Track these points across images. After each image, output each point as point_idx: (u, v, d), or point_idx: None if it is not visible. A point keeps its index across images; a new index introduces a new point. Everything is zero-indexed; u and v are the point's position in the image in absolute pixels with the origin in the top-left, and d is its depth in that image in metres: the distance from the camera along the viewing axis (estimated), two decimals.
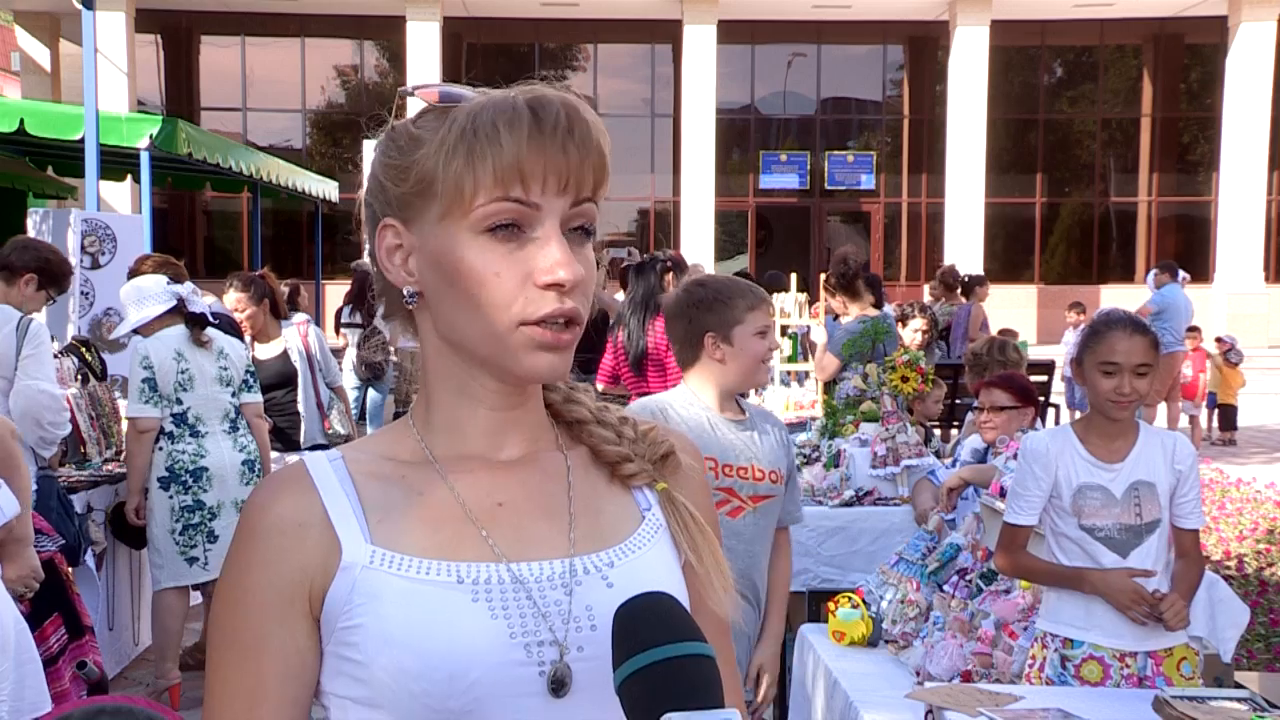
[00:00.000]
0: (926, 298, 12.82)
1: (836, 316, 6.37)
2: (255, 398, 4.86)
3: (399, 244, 1.03)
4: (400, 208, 1.02)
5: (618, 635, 0.88)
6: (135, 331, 4.71)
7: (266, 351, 5.66)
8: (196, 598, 5.01)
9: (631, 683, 0.85)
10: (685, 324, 2.90)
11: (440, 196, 0.98)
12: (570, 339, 1.00)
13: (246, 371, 4.82)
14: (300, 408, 5.72)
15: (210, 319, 4.78)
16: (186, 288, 4.77)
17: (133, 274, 5.67)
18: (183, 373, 4.57)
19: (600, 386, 6.13)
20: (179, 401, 4.57)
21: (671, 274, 7.44)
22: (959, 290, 10.97)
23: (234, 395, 4.74)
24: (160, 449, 4.55)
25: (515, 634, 0.96)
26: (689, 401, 2.87)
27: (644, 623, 0.87)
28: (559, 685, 0.96)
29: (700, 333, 2.85)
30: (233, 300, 5.54)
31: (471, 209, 0.97)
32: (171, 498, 4.56)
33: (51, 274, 4.43)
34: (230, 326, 5.59)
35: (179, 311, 4.65)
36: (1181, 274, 11.43)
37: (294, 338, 5.81)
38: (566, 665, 0.97)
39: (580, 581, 1.00)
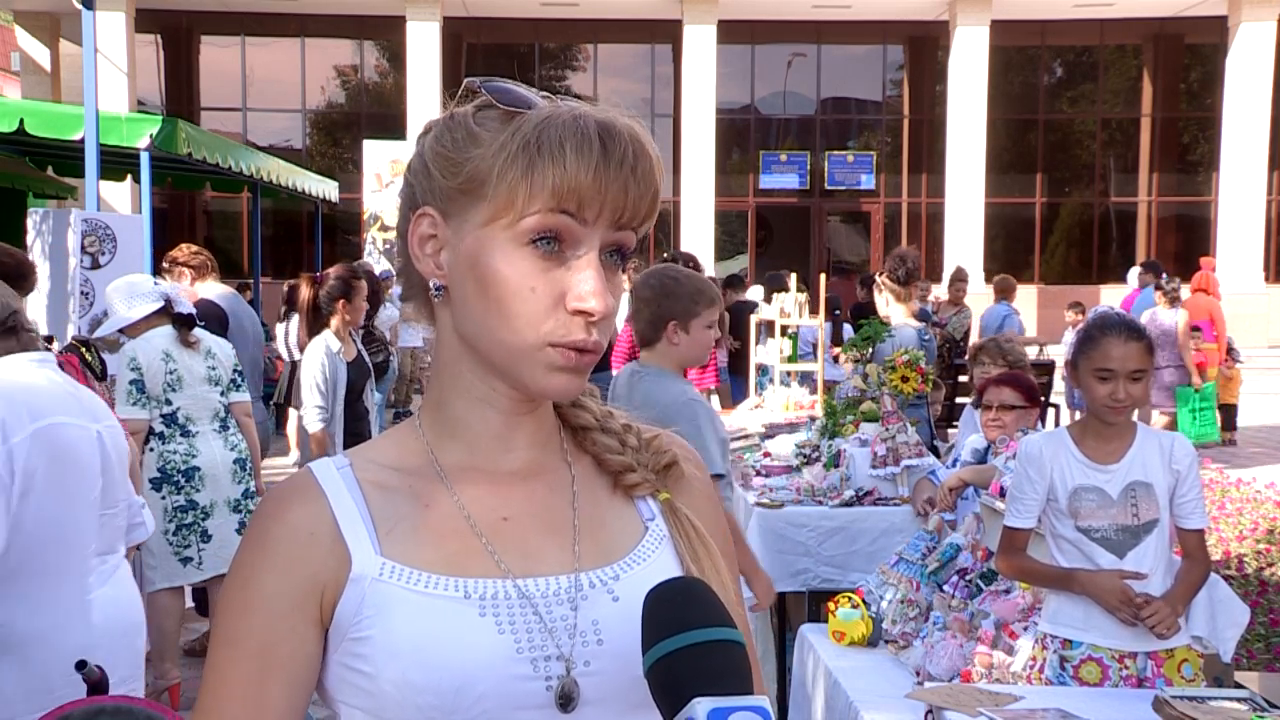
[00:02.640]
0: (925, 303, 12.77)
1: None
2: (243, 397, 4.85)
3: (433, 234, 1.02)
4: (443, 200, 1.01)
5: (647, 619, 0.87)
6: (121, 331, 4.70)
7: (348, 353, 5.56)
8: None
9: (661, 667, 0.84)
10: (655, 309, 3.32)
11: (489, 200, 0.97)
12: (589, 362, 1.00)
13: (234, 370, 4.81)
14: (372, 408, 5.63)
15: (197, 319, 4.77)
16: (174, 287, 4.76)
17: (171, 262, 5.72)
18: (171, 373, 4.56)
19: (614, 372, 6.20)
20: (168, 402, 4.56)
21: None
22: (1165, 297, 10.33)
23: (223, 394, 4.73)
24: (151, 450, 4.55)
25: (522, 649, 0.96)
26: (654, 373, 3.33)
27: (674, 607, 0.87)
28: (567, 700, 0.97)
29: (666, 318, 3.29)
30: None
31: (522, 218, 0.96)
32: (164, 498, 4.55)
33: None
34: (221, 324, 5.59)
35: (166, 312, 4.64)
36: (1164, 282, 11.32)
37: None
38: (574, 680, 0.97)
39: (586, 596, 1.00)
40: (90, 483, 2.55)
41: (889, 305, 5.98)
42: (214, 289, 5.85)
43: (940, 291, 13.84)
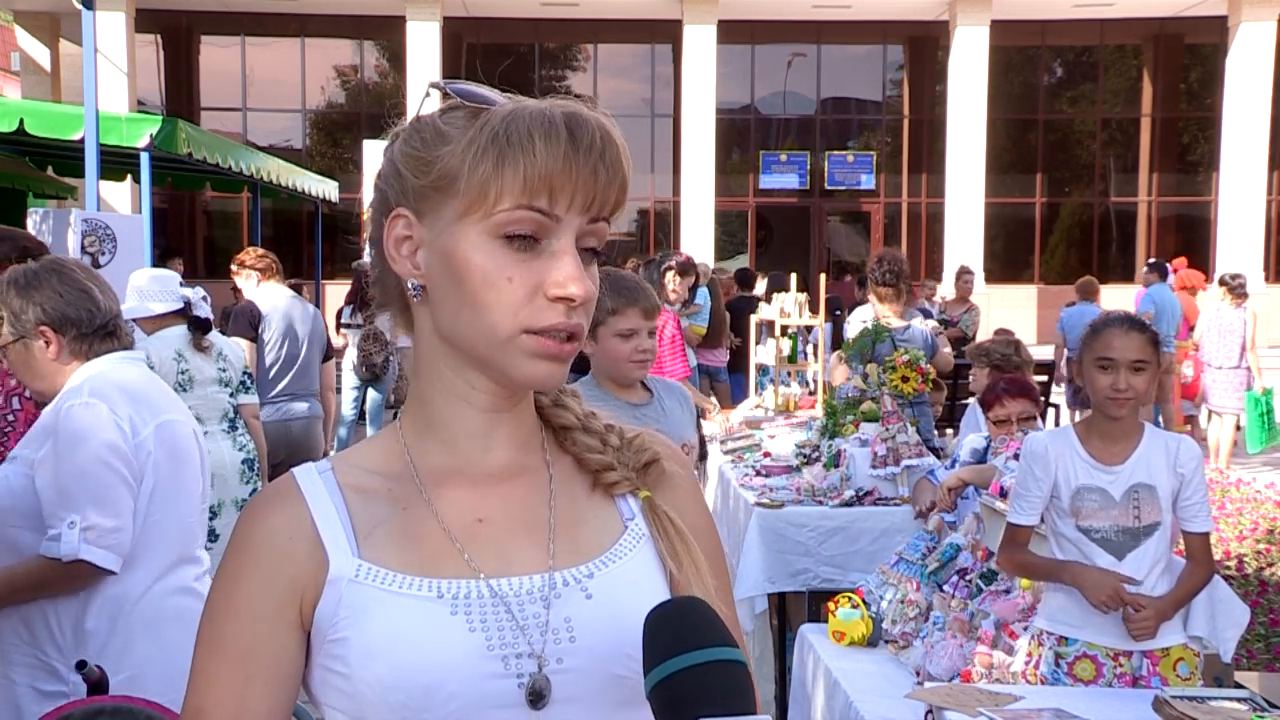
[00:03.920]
0: (930, 303, 12.76)
1: (839, 320, 6.38)
2: (252, 399, 4.87)
3: (409, 235, 1.03)
4: (416, 200, 1.02)
5: (648, 640, 0.88)
6: (135, 321, 4.73)
7: None
8: None
9: (662, 688, 0.84)
10: None
11: (461, 195, 0.98)
12: (571, 351, 1.00)
13: (244, 373, 4.82)
14: None
15: (211, 323, 4.79)
16: (197, 293, 4.78)
17: (240, 265, 5.85)
18: (182, 373, 4.58)
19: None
20: None
21: (675, 274, 7.47)
22: (1232, 294, 9.89)
23: (232, 396, 4.74)
24: None
25: (493, 646, 0.97)
26: (595, 391, 3.00)
27: (674, 627, 0.87)
28: (537, 697, 0.97)
29: None
30: None
31: (493, 212, 0.97)
32: None
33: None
34: (252, 325, 5.65)
35: (182, 313, 4.67)
36: (1173, 272, 11.23)
37: None
38: (545, 677, 0.97)
39: (559, 594, 1.01)
40: (197, 478, 2.63)
41: (874, 307, 5.99)
42: (276, 291, 5.91)
43: (946, 291, 13.84)
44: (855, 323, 6.34)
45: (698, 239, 18.64)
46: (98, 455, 2.34)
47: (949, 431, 8.39)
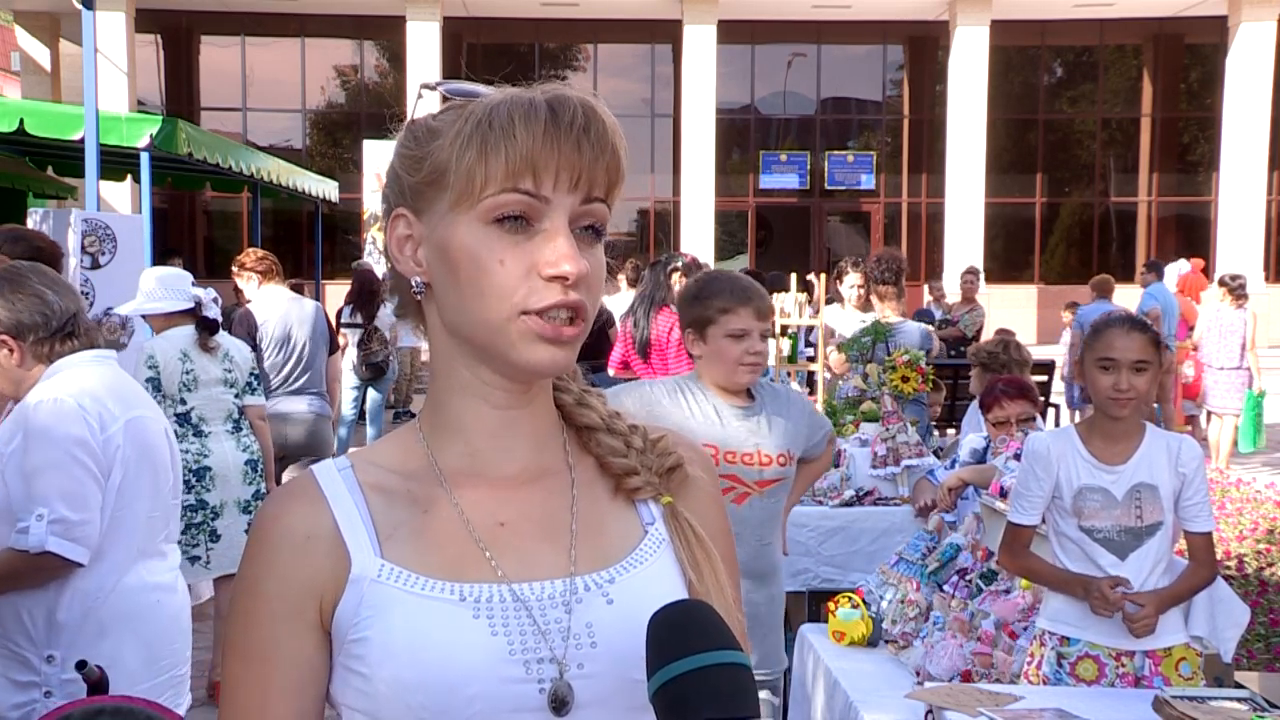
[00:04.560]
0: (930, 301, 12.76)
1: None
2: (258, 400, 4.87)
3: (409, 234, 1.03)
4: (413, 197, 1.02)
5: (651, 643, 0.88)
6: (144, 317, 4.75)
7: None
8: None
9: (665, 691, 0.85)
10: (681, 316, 3.01)
11: (451, 187, 0.98)
12: (574, 333, 0.99)
13: (250, 374, 4.83)
14: None
15: (220, 324, 4.79)
16: (209, 294, 4.79)
17: (240, 266, 5.89)
18: (187, 373, 4.59)
19: (612, 373, 6.21)
20: (183, 402, 4.58)
21: (681, 275, 7.49)
22: (1231, 295, 9.85)
23: (237, 396, 4.75)
24: None
25: (515, 651, 0.96)
26: (698, 389, 2.94)
27: (678, 631, 0.87)
28: (560, 703, 0.96)
29: (683, 327, 2.96)
30: None
31: (480, 199, 0.97)
32: None
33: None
34: (249, 332, 5.66)
35: (191, 313, 4.68)
36: (1177, 266, 11.16)
37: None
38: (567, 683, 0.97)
39: (581, 599, 1.00)
40: (166, 473, 2.68)
41: (875, 305, 6.00)
42: (276, 293, 5.91)
43: (952, 289, 13.82)
44: (830, 317, 6.37)
45: (698, 239, 18.62)
46: (66, 450, 2.39)
47: (950, 431, 8.39)
